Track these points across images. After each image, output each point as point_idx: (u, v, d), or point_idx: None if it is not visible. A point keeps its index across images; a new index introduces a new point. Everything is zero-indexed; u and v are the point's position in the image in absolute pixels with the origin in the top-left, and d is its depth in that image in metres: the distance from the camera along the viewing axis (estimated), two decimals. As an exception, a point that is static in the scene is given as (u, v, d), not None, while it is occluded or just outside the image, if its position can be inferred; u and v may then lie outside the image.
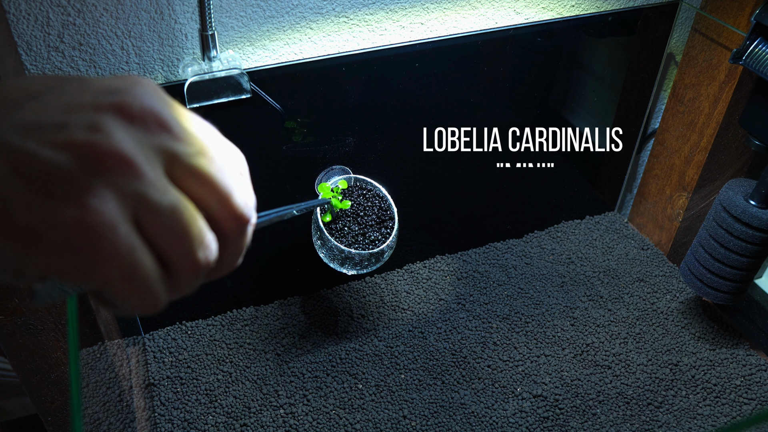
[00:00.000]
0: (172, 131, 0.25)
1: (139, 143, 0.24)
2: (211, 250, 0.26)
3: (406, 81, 0.86)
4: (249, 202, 0.28)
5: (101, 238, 0.22)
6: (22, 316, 0.59)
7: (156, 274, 0.24)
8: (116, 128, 0.23)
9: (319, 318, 0.97)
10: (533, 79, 0.96)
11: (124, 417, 0.80)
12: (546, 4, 0.91)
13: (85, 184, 0.22)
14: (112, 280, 0.23)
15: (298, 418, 0.83)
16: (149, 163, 0.24)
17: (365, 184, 0.85)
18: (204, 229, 0.26)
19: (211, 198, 0.26)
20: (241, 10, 0.75)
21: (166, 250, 0.25)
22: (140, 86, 0.25)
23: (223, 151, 0.27)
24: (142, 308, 0.25)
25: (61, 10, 0.68)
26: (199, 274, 0.26)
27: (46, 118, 0.23)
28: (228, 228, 0.27)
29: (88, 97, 0.24)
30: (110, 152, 0.23)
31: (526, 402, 0.85)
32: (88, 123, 0.23)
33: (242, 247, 0.28)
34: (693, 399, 0.86)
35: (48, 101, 0.23)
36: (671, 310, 0.99)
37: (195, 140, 0.26)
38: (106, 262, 0.23)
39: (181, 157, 0.25)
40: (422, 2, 0.83)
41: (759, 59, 0.78)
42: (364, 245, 0.80)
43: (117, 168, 0.23)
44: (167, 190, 0.24)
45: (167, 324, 0.95)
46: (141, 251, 0.24)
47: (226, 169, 0.27)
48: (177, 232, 0.24)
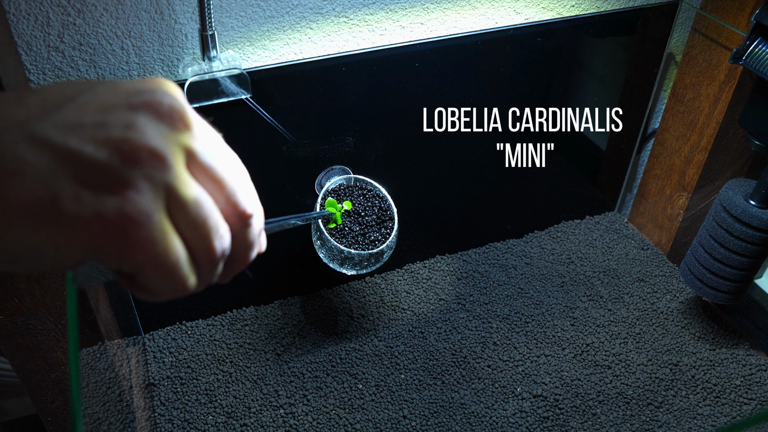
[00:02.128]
0: (193, 130, 0.28)
1: (167, 139, 0.26)
2: (225, 240, 0.29)
3: (406, 81, 0.86)
4: (253, 200, 0.30)
5: (139, 226, 0.24)
6: (22, 316, 0.59)
7: (185, 260, 0.27)
8: (148, 125, 0.26)
9: (319, 318, 0.97)
10: (533, 79, 0.96)
11: (124, 417, 0.80)
12: (546, 4, 0.91)
13: (124, 177, 0.24)
14: (147, 264, 0.25)
15: (298, 418, 0.83)
16: (175, 158, 0.26)
17: (365, 184, 0.85)
18: (220, 220, 0.28)
19: (219, 195, 0.28)
20: (241, 10, 0.75)
21: (189, 239, 0.27)
22: (166, 87, 0.28)
23: (229, 154, 0.30)
24: (172, 292, 0.28)
25: (61, 10, 0.68)
26: (216, 263, 0.29)
27: (86, 118, 0.25)
28: (233, 223, 0.29)
29: (121, 97, 0.26)
30: (144, 147, 0.25)
31: (526, 402, 0.85)
32: (123, 121, 0.25)
33: (249, 242, 0.31)
34: (693, 399, 0.86)
35: (85, 102, 0.26)
36: (671, 310, 0.99)
37: (209, 140, 0.29)
38: (143, 248, 0.25)
39: (198, 155, 0.27)
40: (422, 2, 0.83)
41: (759, 59, 0.78)
42: (364, 245, 0.80)
43: (150, 161, 0.25)
44: (191, 183, 0.27)
45: (167, 324, 0.95)
46: (173, 238, 0.26)
47: (234, 170, 0.29)
48: (199, 222, 0.27)
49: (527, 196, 1.09)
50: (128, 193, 0.24)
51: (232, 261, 0.31)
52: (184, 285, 0.27)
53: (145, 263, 0.25)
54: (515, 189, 1.07)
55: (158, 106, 0.27)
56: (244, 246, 0.31)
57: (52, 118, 0.25)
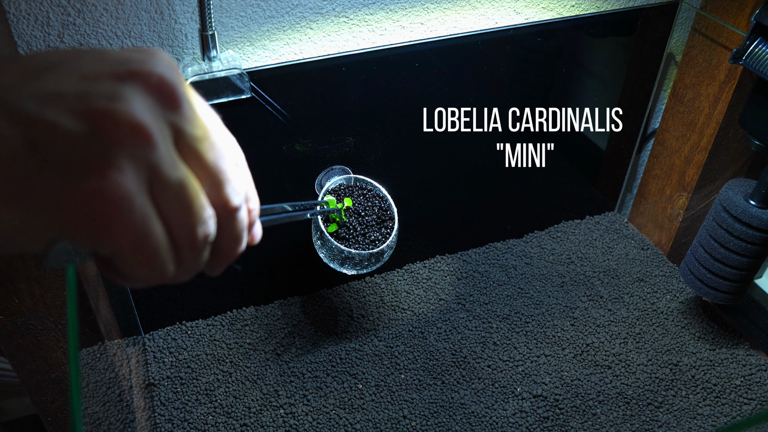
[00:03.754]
0: (182, 109, 0.25)
1: (154, 114, 0.24)
2: (209, 227, 0.27)
3: (406, 81, 0.86)
4: (240, 192, 0.28)
5: (118, 208, 0.23)
6: (22, 316, 0.59)
7: (165, 245, 0.25)
8: (135, 97, 0.24)
9: (319, 318, 0.97)
10: (533, 80, 0.96)
11: (124, 417, 0.80)
12: (546, 4, 0.91)
13: (105, 154, 0.22)
14: (125, 248, 0.24)
15: (298, 418, 0.83)
16: (162, 136, 0.24)
17: (365, 184, 0.85)
18: (205, 205, 0.26)
19: (206, 181, 0.26)
20: (241, 10, 0.75)
21: (171, 223, 0.25)
22: (159, 58, 0.26)
23: (222, 139, 0.28)
24: (151, 278, 0.26)
25: (61, 10, 0.68)
26: (198, 251, 0.27)
27: (66, 87, 0.23)
28: (220, 212, 0.28)
29: (107, 66, 0.24)
30: (129, 122, 0.23)
31: (526, 402, 0.85)
32: (107, 91, 0.23)
33: (237, 234, 0.29)
34: (693, 399, 0.86)
35: (68, 71, 0.24)
36: (671, 310, 0.99)
37: (201, 123, 0.26)
38: (121, 231, 0.23)
39: (187, 137, 0.26)
40: (422, 2, 0.83)
41: (759, 59, 0.78)
42: (364, 245, 0.80)
43: (134, 138, 0.23)
44: (177, 164, 0.25)
45: (167, 324, 0.95)
46: (154, 222, 0.24)
47: (225, 157, 0.27)
48: (182, 206, 0.25)
49: (527, 196, 1.09)
50: (108, 172, 0.22)
51: (219, 252, 0.29)
52: (163, 272, 0.26)
53: (123, 247, 0.24)
54: (515, 189, 1.07)
55: (147, 78, 0.24)
56: (232, 238, 0.29)
57: (30, 86, 0.23)
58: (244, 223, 0.29)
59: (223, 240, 0.29)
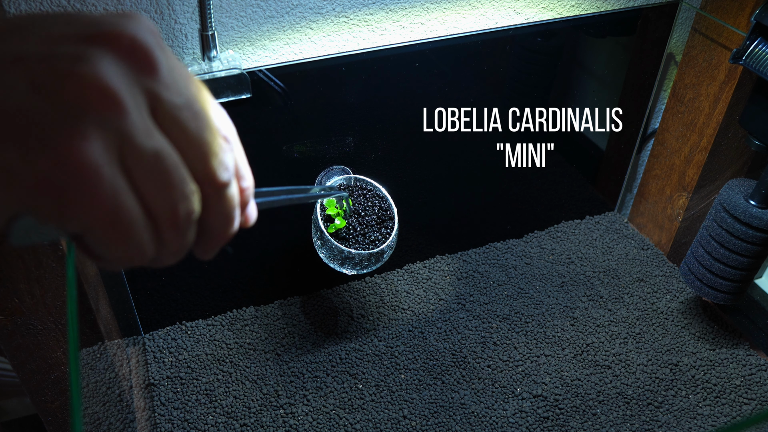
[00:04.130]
0: (160, 74, 0.23)
1: (126, 79, 0.22)
2: (191, 203, 0.24)
3: (406, 81, 0.86)
4: (229, 167, 0.26)
5: (83, 179, 0.21)
6: (22, 316, 0.59)
7: (141, 222, 0.23)
8: (103, 60, 0.22)
9: (319, 318, 0.97)
10: (533, 80, 0.96)
11: (124, 417, 0.80)
12: (546, 4, 0.91)
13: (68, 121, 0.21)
14: (94, 224, 0.22)
15: (298, 418, 0.83)
16: (135, 102, 0.22)
17: (365, 184, 0.85)
18: (186, 178, 0.24)
19: (189, 153, 0.24)
20: (241, 10, 0.75)
21: (147, 198, 0.23)
22: (134, 20, 0.23)
23: (209, 111, 0.26)
24: (127, 258, 0.24)
25: (60, 10, 0.68)
26: (180, 229, 0.25)
27: (28, 50, 0.21)
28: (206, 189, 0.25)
29: (75, 28, 0.22)
30: (95, 85, 0.21)
31: (526, 402, 0.85)
32: (73, 53, 0.21)
33: (227, 212, 0.27)
34: (693, 399, 0.86)
35: (32, 33, 0.22)
36: (671, 310, 0.99)
37: (181, 91, 0.24)
38: (89, 205, 0.21)
39: (165, 104, 0.23)
40: (422, 2, 0.83)
41: (759, 59, 0.78)
42: (364, 245, 0.80)
43: (102, 103, 0.21)
44: (152, 133, 0.23)
45: (167, 324, 0.95)
46: (126, 195, 0.22)
47: (210, 129, 0.25)
48: (159, 178, 0.23)
49: (527, 196, 1.09)
50: (72, 141, 0.20)
51: (208, 233, 0.27)
52: (141, 251, 0.23)
53: (92, 223, 0.22)
54: (515, 189, 1.07)
55: (117, 39, 0.22)
56: (221, 217, 0.26)
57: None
58: (235, 201, 0.27)
59: (212, 219, 0.26)
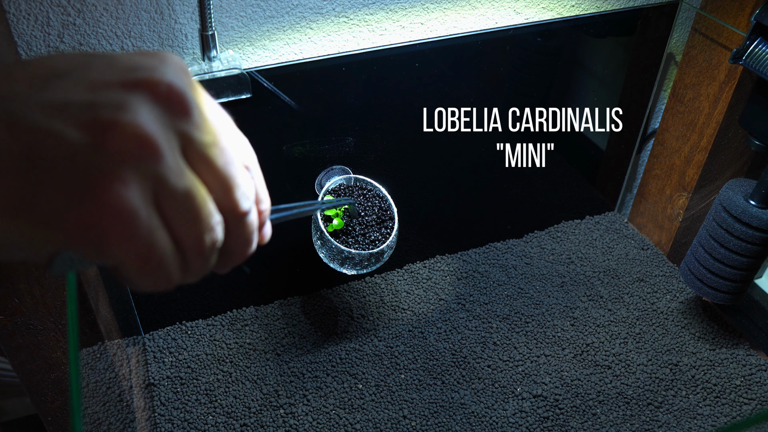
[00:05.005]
0: (192, 116, 0.25)
1: (162, 124, 0.24)
2: (216, 233, 0.27)
3: (406, 81, 0.86)
4: (250, 196, 0.28)
5: (122, 223, 0.22)
6: (22, 316, 0.59)
7: (171, 255, 0.25)
8: (142, 108, 0.23)
9: (319, 318, 0.97)
10: (533, 79, 0.96)
11: (124, 417, 0.80)
12: (546, 4, 0.91)
13: (109, 167, 0.22)
14: (129, 259, 0.24)
15: (298, 418, 0.83)
16: (169, 146, 0.24)
17: (365, 184, 0.85)
18: (213, 212, 0.26)
19: (215, 187, 0.26)
20: (241, 10, 0.75)
21: (177, 231, 0.25)
22: (168, 64, 0.25)
23: (233, 142, 0.28)
24: (157, 286, 0.26)
25: (61, 10, 0.68)
26: (206, 257, 0.27)
27: (74, 97, 0.22)
28: (229, 217, 0.27)
29: (115, 74, 0.24)
30: (136, 134, 0.23)
31: (526, 402, 0.85)
32: (114, 102, 0.23)
33: (246, 236, 0.29)
34: (693, 399, 0.86)
35: (75, 79, 0.23)
36: (671, 310, 0.99)
37: (210, 129, 0.26)
38: (125, 245, 0.23)
39: (196, 144, 0.25)
40: (422, 2, 0.83)
41: (759, 59, 0.78)
42: (364, 245, 0.80)
43: (140, 150, 0.23)
44: (184, 173, 0.25)
45: (167, 324, 0.95)
46: (159, 233, 0.24)
47: (235, 162, 0.27)
48: (189, 215, 0.25)
49: (527, 196, 1.09)
50: (112, 186, 0.22)
51: (228, 254, 0.29)
52: (169, 279, 0.26)
53: (127, 259, 0.23)
54: (515, 189, 1.07)
55: (156, 86, 0.24)
56: (241, 241, 0.29)
57: (37, 96, 0.22)
58: (254, 225, 0.29)
59: (232, 243, 0.29)
